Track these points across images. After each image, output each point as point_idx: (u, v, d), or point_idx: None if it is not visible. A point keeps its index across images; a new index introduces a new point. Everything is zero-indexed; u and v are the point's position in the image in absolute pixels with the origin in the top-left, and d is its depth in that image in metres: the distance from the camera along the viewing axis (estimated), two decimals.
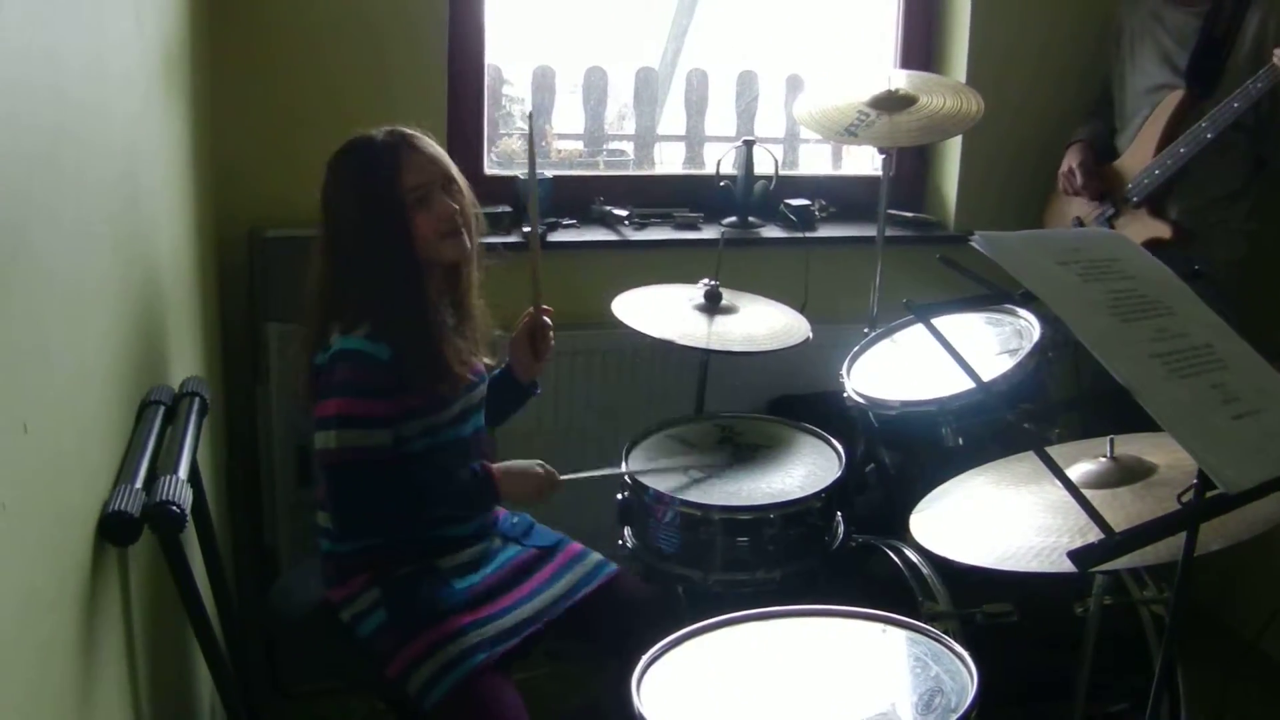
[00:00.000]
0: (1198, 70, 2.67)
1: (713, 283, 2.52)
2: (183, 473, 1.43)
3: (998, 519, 1.60)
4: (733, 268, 2.61)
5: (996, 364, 2.13)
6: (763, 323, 2.53)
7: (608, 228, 2.94)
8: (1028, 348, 2.15)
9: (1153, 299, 1.37)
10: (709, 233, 2.95)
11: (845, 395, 2.32)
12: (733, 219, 3.02)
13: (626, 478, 2.25)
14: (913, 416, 2.20)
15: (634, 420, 2.49)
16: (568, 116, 3.29)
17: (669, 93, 3.43)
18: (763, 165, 3.04)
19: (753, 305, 2.59)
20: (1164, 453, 1.58)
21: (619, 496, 2.27)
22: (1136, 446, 1.62)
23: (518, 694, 1.85)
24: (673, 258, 2.83)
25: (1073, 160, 2.88)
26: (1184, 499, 1.30)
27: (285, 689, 2.58)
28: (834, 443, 2.37)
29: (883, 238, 2.65)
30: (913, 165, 3.22)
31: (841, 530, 2.29)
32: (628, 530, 2.28)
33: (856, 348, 2.47)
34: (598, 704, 2.05)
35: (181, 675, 1.88)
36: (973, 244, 1.35)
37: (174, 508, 1.34)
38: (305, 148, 2.01)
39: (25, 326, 1.07)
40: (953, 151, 3.12)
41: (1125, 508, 1.47)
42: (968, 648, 1.54)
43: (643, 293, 2.56)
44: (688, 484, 2.22)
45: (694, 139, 3.33)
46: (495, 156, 3.01)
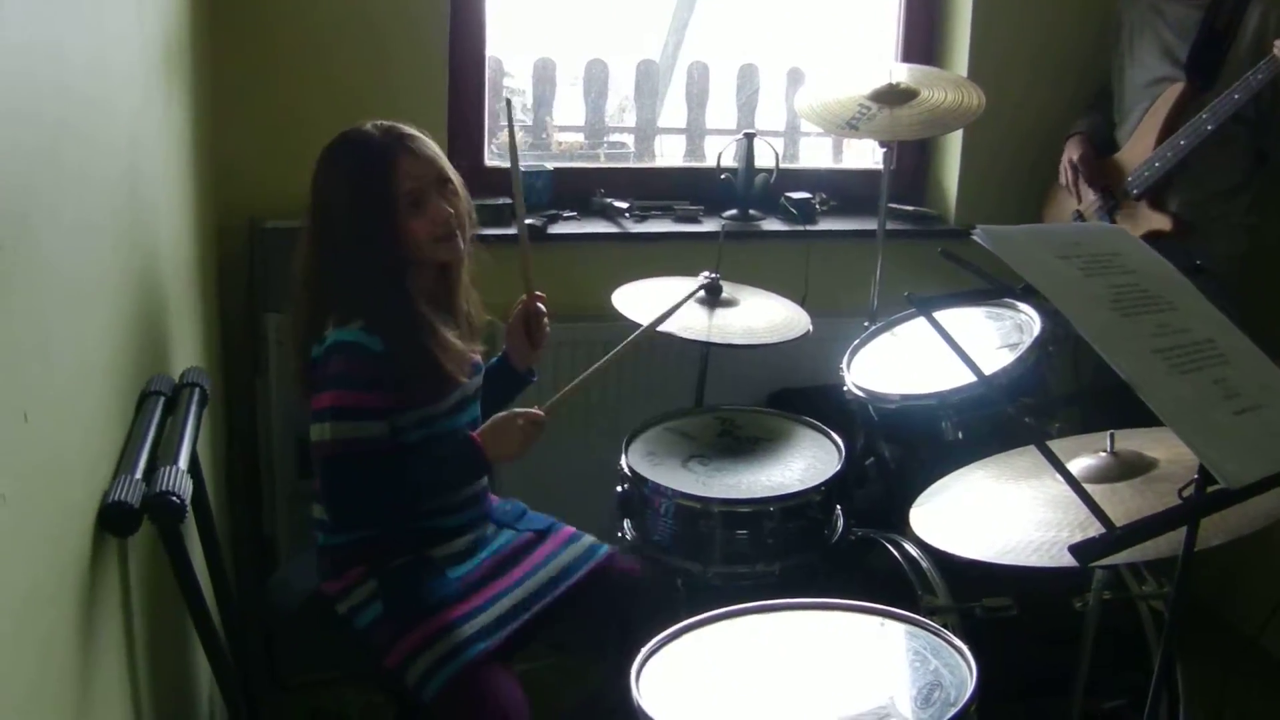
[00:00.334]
0: (1198, 63, 2.66)
1: (713, 275, 2.52)
2: (183, 463, 1.43)
3: (997, 513, 1.60)
4: (733, 261, 2.61)
5: (997, 358, 2.13)
6: (763, 316, 2.53)
7: (608, 220, 2.94)
8: (1028, 342, 2.15)
9: (1154, 294, 1.37)
10: (709, 225, 2.95)
11: (845, 388, 2.32)
12: (733, 212, 3.02)
13: (626, 469, 2.25)
14: (913, 410, 2.21)
15: (634, 412, 2.49)
16: (568, 109, 3.28)
17: (670, 85, 3.42)
18: (763, 158, 3.04)
19: (753, 298, 2.59)
20: (1164, 448, 1.59)
21: (619, 489, 2.28)
22: (1137, 441, 1.62)
23: (518, 684, 1.85)
24: (673, 250, 2.82)
25: (1072, 153, 2.88)
26: (1185, 494, 1.30)
27: (283, 680, 2.58)
28: (834, 436, 2.38)
29: (883, 231, 2.65)
30: (914, 159, 3.22)
31: (841, 524, 2.29)
32: (627, 522, 2.28)
33: (856, 341, 2.47)
34: (599, 695, 2.06)
35: (181, 666, 1.88)
36: (975, 238, 1.35)
37: (174, 498, 1.34)
38: (305, 140, 2.00)
39: (26, 317, 1.07)
40: (954, 145, 3.11)
41: (1125, 503, 1.47)
42: (967, 642, 1.54)
43: (643, 285, 2.56)
44: (687, 477, 2.22)
45: (695, 132, 3.33)
46: (496, 148, 3.00)
